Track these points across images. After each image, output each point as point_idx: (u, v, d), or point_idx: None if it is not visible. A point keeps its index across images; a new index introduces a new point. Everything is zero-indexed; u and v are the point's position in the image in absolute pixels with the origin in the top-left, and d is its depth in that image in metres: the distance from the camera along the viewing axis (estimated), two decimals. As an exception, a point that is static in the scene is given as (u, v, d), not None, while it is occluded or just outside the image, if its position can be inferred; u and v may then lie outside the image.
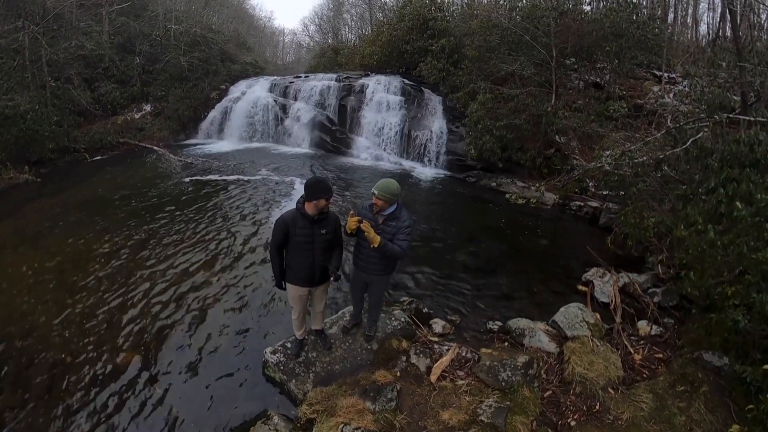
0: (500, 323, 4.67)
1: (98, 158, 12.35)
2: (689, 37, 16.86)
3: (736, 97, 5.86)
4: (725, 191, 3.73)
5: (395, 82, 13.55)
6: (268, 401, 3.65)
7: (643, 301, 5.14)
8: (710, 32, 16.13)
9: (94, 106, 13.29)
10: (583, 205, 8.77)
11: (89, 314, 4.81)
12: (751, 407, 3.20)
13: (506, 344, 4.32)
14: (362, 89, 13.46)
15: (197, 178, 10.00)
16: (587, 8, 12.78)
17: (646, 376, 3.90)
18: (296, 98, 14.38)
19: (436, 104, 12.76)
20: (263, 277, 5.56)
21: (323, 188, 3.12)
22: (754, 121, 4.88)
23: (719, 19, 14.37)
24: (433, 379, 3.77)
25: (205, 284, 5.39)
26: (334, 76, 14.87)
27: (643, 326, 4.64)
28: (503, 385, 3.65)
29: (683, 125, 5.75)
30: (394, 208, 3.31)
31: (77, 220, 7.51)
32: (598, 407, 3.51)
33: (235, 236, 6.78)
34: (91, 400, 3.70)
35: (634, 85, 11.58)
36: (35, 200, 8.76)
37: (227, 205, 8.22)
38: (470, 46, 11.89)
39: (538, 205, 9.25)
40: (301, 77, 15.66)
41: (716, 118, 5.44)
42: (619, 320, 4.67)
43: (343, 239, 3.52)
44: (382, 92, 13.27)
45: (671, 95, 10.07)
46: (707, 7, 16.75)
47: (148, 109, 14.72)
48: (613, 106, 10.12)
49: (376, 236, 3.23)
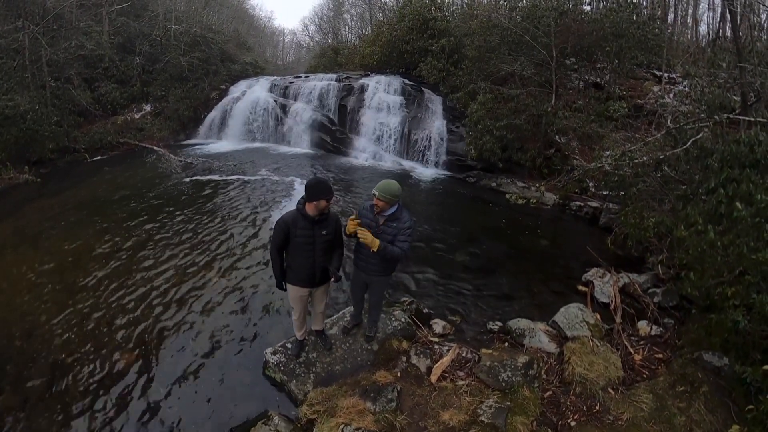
0: (500, 323, 4.67)
1: (98, 158, 12.35)
2: (689, 37, 16.87)
3: (736, 97, 5.86)
4: (725, 191, 3.74)
5: (395, 82, 13.54)
6: (268, 402, 3.65)
7: (643, 301, 5.14)
8: (710, 32, 16.14)
9: (94, 106, 13.29)
10: (583, 205, 8.77)
11: (89, 314, 4.82)
12: (750, 408, 3.20)
13: (506, 345, 4.32)
14: (362, 89, 13.45)
15: (197, 178, 10.00)
16: (587, 8, 12.78)
17: (646, 376, 3.90)
18: (296, 98, 14.36)
19: (436, 104, 12.75)
20: (264, 277, 5.56)
21: (324, 189, 3.12)
22: (754, 121, 4.88)
23: (719, 19, 14.38)
24: (433, 379, 3.77)
25: (205, 285, 5.39)
26: (334, 76, 14.86)
27: (643, 326, 4.65)
28: (503, 385, 3.66)
29: (683, 125, 5.75)
30: (394, 209, 3.31)
31: (77, 220, 7.51)
32: (598, 407, 3.51)
33: (235, 237, 6.77)
34: (91, 400, 3.70)
35: (634, 85, 11.58)
36: (35, 200, 8.76)
37: (227, 205, 8.22)
38: (470, 46, 11.89)
39: (538, 205, 9.25)
40: (301, 77, 15.65)
41: (716, 118, 5.44)
42: (619, 320, 4.68)
43: (343, 240, 3.52)
44: (382, 92, 13.26)
45: (671, 95, 10.07)
46: (707, 7, 16.77)
47: (148, 109, 14.71)
48: (613, 106, 10.12)
49: (374, 240, 3.21)
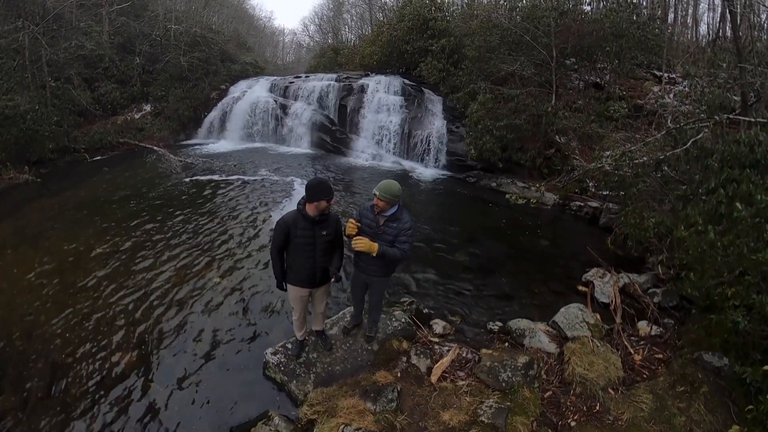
0: (500, 324, 4.67)
1: (98, 158, 12.35)
2: (689, 37, 16.87)
3: (736, 97, 5.86)
4: (725, 192, 3.74)
5: (395, 82, 13.54)
6: (268, 402, 3.65)
7: (643, 301, 5.15)
8: (710, 32, 16.15)
9: (94, 106, 13.29)
10: (583, 205, 8.78)
11: (89, 315, 4.82)
12: (750, 408, 3.21)
13: (506, 345, 4.32)
14: (362, 89, 13.46)
15: (197, 178, 10.00)
16: (587, 8, 12.78)
17: (646, 376, 3.90)
18: (296, 98, 14.38)
19: (436, 104, 12.75)
20: (264, 277, 5.56)
21: (324, 189, 3.12)
22: (754, 121, 4.88)
23: (719, 19, 14.38)
24: (433, 379, 3.77)
25: (205, 285, 5.39)
26: (334, 76, 14.86)
27: (643, 327, 4.65)
28: (503, 385, 3.66)
29: (683, 126, 5.76)
30: (395, 209, 3.32)
31: (77, 220, 7.52)
32: (598, 408, 3.51)
33: (235, 237, 6.77)
34: (91, 400, 3.70)
35: (634, 85, 11.58)
36: (35, 200, 8.76)
37: (227, 205, 8.22)
38: (470, 46, 11.89)
39: (538, 205, 9.26)
40: (301, 77, 15.66)
41: (716, 118, 5.44)
42: (619, 321, 4.68)
43: (344, 240, 3.52)
44: (382, 92, 13.26)
45: (671, 95, 10.07)
46: (707, 7, 16.78)
47: (148, 109, 14.72)
48: (613, 106, 10.13)
49: (371, 245, 3.21)
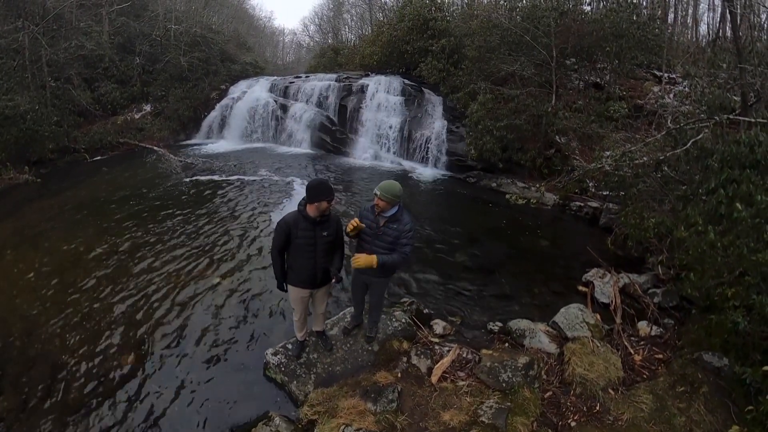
0: (501, 324, 4.67)
1: (98, 158, 12.35)
2: (689, 37, 16.88)
3: (736, 97, 5.86)
4: (725, 192, 3.75)
5: (395, 82, 13.55)
6: (269, 402, 3.65)
7: (643, 301, 5.15)
8: (710, 32, 16.16)
9: (94, 106, 13.29)
10: (583, 205, 8.78)
11: (89, 315, 4.82)
12: (750, 408, 3.22)
13: (507, 345, 4.32)
14: (362, 89, 13.46)
15: (197, 178, 10.00)
16: (587, 8, 12.80)
17: (646, 376, 3.90)
18: (296, 98, 14.38)
19: (436, 104, 12.75)
20: (264, 278, 5.56)
21: (325, 190, 3.12)
22: (754, 122, 4.88)
23: (719, 19, 14.39)
24: (434, 380, 3.77)
25: (205, 285, 5.39)
26: (334, 76, 14.87)
27: (643, 327, 4.65)
28: (504, 386, 3.66)
29: (683, 126, 5.75)
30: (395, 209, 3.32)
31: (77, 220, 7.51)
32: (598, 408, 3.52)
33: (235, 237, 6.77)
34: (91, 401, 3.70)
35: (634, 85, 11.59)
36: (35, 200, 8.76)
37: (228, 205, 8.22)
38: (470, 46, 11.89)
39: (538, 205, 9.26)
40: (301, 77, 15.66)
41: (716, 119, 5.44)
42: (619, 321, 4.68)
43: (344, 241, 3.52)
44: (382, 92, 13.27)
45: (671, 96, 10.07)
46: (707, 7, 16.79)
47: (148, 109, 14.72)
48: (613, 106, 10.13)
49: (369, 259, 3.23)
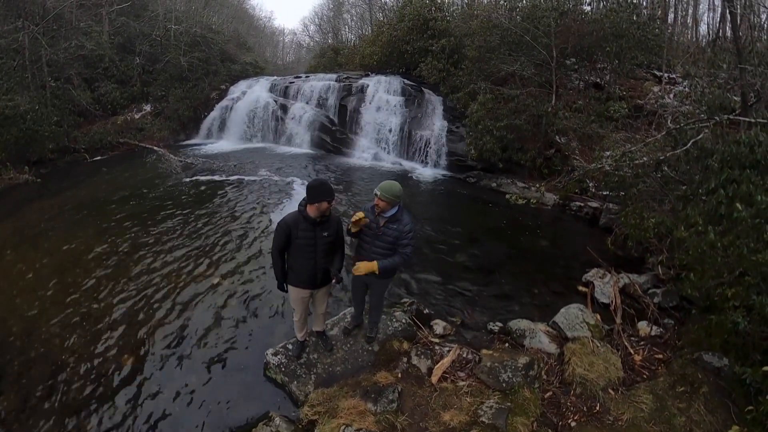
0: (501, 324, 4.67)
1: (98, 158, 12.34)
2: (689, 37, 16.89)
3: (736, 97, 5.86)
4: (725, 192, 3.75)
5: (395, 82, 13.55)
6: (269, 403, 3.65)
7: (643, 301, 5.15)
8: (710, 32, 16.16)
9: (94, 106, 13.29)
10: (583, 205, 8.78)
11: (89, 315, 4.82)
12: (750, 408, 3.22)
13: (507, 345, 4.32)
14: (362, 89, 13.46)
15: (197, 178, 10.00)
16: (587, 8, 12.79)
17: (646, 376, 3.91)
18: (296, 98, 14.38)
19: (436, 104, 12.76)
20: (264, 278, 5.56)
21: (325, 191, 3.11)
22: (754, 122, 4.88)
23: (719, 19, 14.39)
24: (434, 380, 3.77)
25: (205, 285, 5.39)
26: (334, 76, 14.87)
27: (643, 327, 4.65)
28: (504, 386, 3.67)
29: (683, 126, 5.75)
30: (395, 210, 3.32)
31: (77, 220, 7.51)
32: (598, 408, 3.52)
33: (235, 237, 6.77)
34: (91, 401, 3.70)
35: (634, 85, 11.59)
36: (35, 200, 8.76)
37: (228, 205, 8.22)
38: (470, 46, 11.89)
39: (538, 205, 9.26)
40: (301, 77, 15.65)
41: (716, 119, 5.45)
42: (619, 321, 4.68)
43: (345, 241, 3.52)
44: (382, 92, 13.27)
45: (671, 96, 10.08)
46: (707, 7, 16.80)
47: (148, 109, 14.72)
48: (613, 106, 10.13)
49: (369, 265, 3.28)
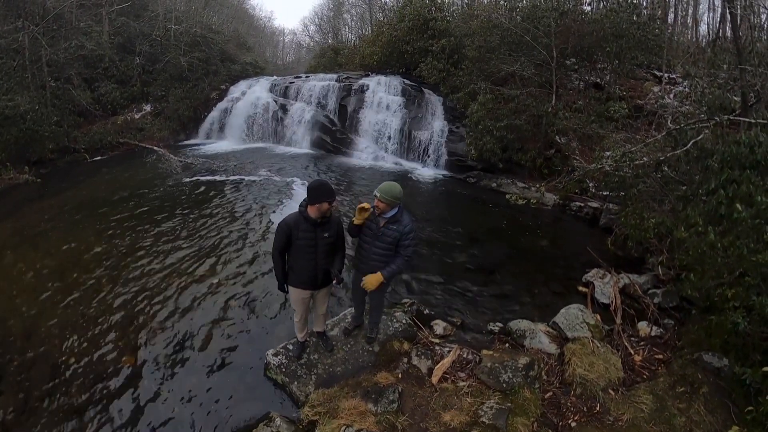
0: (501, 324, 4.67)
1: (98, 158, 12.34)
2: (689, 37, 16.90)
3: (736, 98, 5.86)
4: (725, 193, 3.76)
5: (395, 82, 13.55)
6: (269, 403, 3.66)
7: (643, 302, 5.15)
8: (710, 33, 16.17)
9: (94, 106, 13.29)
10: (583, 205, 8.78)
11: (89, 315, 4.82)
12: (750, 408, 3.23)
13: (507, 346, 4.32)
14: (362, 89, 13.46)
15: (197, 178, 10.00)
16: (587, 9, 12.80)
17: (646, 377, 3.91)
18: (296, 98, 14.39)
19: (436, 105, 12.77)
20: (265, 279, 5.56)
21: (326, 192, 3.11)
22: (754, 122, 4.88)
23: (719, 19, 14.40)
24: (434, 380, 3.78)
25: (206, 286, 5.39)
26: (334, 76, 14.88)
27: (643, 327, 4.65)
28: (504, 386, 3.67)
29: (684, 126, 5.75)
30: (395, 211, 3.32)
31: (77, 220, 7.51)
32: (598, 408, 3.52)
33: (235, 238, 6.77)
34: (92, 402, 3.70)
35: (634, 85, 11.60)
36: (35, 200, 8.76)
37: (228, 206, 8.21)
38: (470, 46, 11.90)
39: (538, 205, 9.26)
40: (301, 77, 15.66)
41: (717, 119, 5.45)
42: (619, 321, 4.68)
43: (345, 241, 3.52)
44: (382, 93, 13.27)
45: (671, 96, 10.08)
46: (707, 7, 16.81)
47: (148, 109, 14.72)
48: (613, 106, 10.13)
49: (374, 279, 3.31)
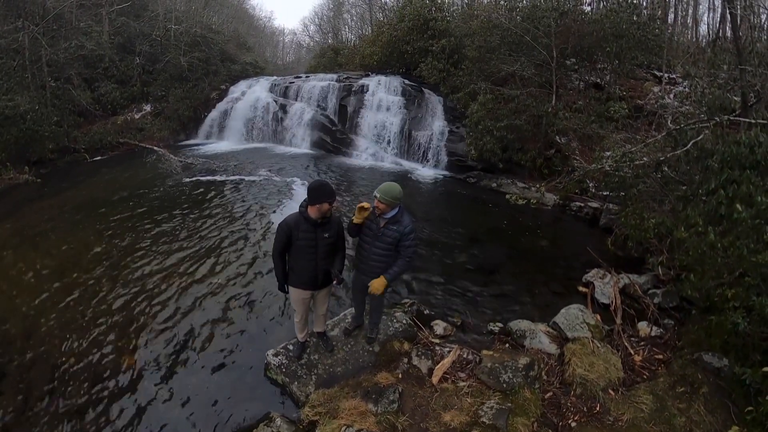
0: (501, 325, 4.68)
1: (98, 158, 12.34)
2: (689, 37, 16.90)
3: (736, 98, 5.86)
4: (725, 193, 3.76)
5: (395, 82, 13.55)
6: (270, 403, 3.66)
7: (643, 302, 5.15)
8: (710, 33, 16.18)
9: (94, 106, 13.28)
10: (583, 205, 8.78)
11: (90, 315, 4.82)
12: (750, 409, 3.23)
13: (507, 346, 4.33)
14: (362, 89, 13.46)
15: (197, 178, 10.00)
16: (587, 9, 12.80)
17: (646, 377, 3.91)
18: (296, 98, 14.39)
19: (436, 105, 12.76)
20: (265, 279, 5.56)
21: (326, 192, 3.11)
22: (754, 122, 4.88)
23: (719, 19, 14.40)
24: (434, 380, 3.78)
25: (206, 286, 5.39)
26: (334, 76, 14.88)
27: (643, 327, 4.66)
28: (504, 386, 3.67)
29: (684, 127, 5.75)
30: (395, 211, 3.32)
31: (77, 220, 7.51)
32: (598, 408, 3.52)
33: (236, 238, 6.77)
34: (92, 402, 3.70)
35: (634, 85, 11.60)
36: (35, 201, 8.75)
37: (228, 206, 8.22)
38: (471, 46, 11.90)
39: (538, 205, 9.27)
40: (301, 77, 15.66)
41: (717, 119, 5.45)
42: (619, 321, 4.69)
43: (346, 242, 3.52)
44: (382, 93, 13.27)
45: (671, 96, 10.08)
46: (707, 7, 16.81)
47: (148, 109, 14.71)
48: (613, 106, 10.13)
49: (381, 281, 3.35)
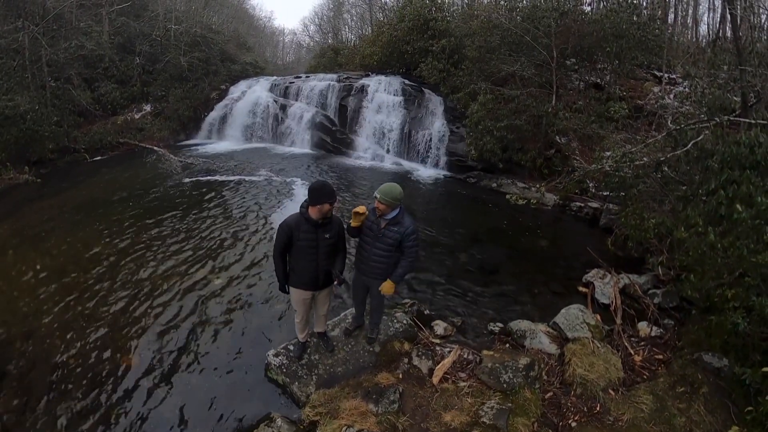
0: (501, 325, 4.68)
1: (98, 158, 12.33)
2: (689, 37, 16.91)
3: (736, 98, 5.87)
4: (725, 193, 3.76)
5: (395, 82, 13.55)
6: (270, 404, 3.66)
7: (643, 302, 5.15)
8: (710, 33, 16.18)
9: (94, 106, 13.27)
10: (583, 206, 8.79)
11: (90, 316, 4.82)
12: (750, 409, 3.23)
13: (507, 346, 4.33)
14: (362, 89, 13.46)
15: (197, 178, 10.00)
16: (588, 9, 12.80)
17: (646, 377, 3.92)
18: (296, 98, 14.39)
19: (436, 105, 12.76)
20: (265, 279, 5.57)
21: (327, 193, 3.11)
22: (754, 123, 4.89)
23: (719, 20, 14.40)
24: (435, 380, 3.78)
25: (206, 286, 5.40)
26: (334, 76, 14.88)
27: (643, 327, 4.66)
28: (505, 386, 3.67)
29: (684, 127, 5.75)
30: (396, 212, 3.32)
31: (77, 221, 7.51)
32: (598, 408, 3.53)
33: (236, 238, 6.78)
34: (92, 402, 3.70)
35: (634, 85, 11.60)
36: (35, 201, 8.75)
37: (228, 206, 8.22)
38: (471, 46, 11.90)
39: (538, 205, 9.27)
40: (301, 77, 15.65)
41: (717, 119, 5.45)
42: (619, 321, 4.69)
43: (347, 242, 3.52)
44: (382, 92, 13.27)
45: (671, 96, 10.08)
46: (707, 7, 16.81)
47: (148, 109, 14.70)
48: (613, 107, 10.13)
49: (391, 285, 3.44)
